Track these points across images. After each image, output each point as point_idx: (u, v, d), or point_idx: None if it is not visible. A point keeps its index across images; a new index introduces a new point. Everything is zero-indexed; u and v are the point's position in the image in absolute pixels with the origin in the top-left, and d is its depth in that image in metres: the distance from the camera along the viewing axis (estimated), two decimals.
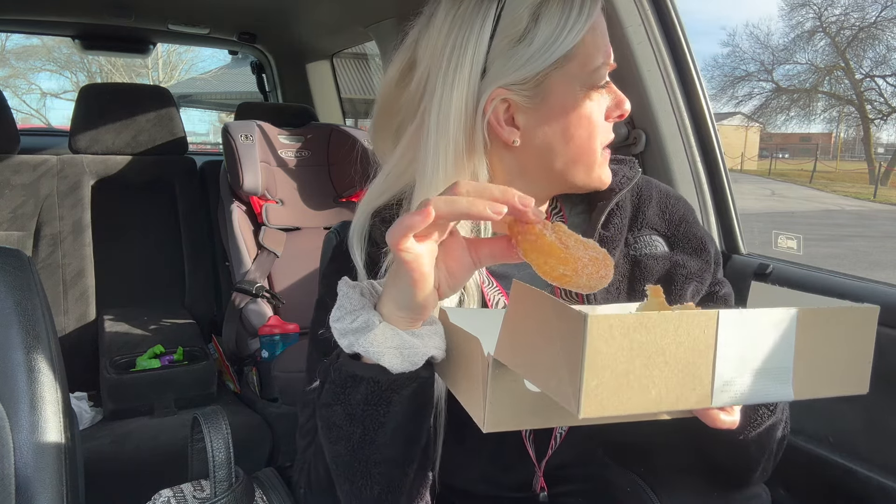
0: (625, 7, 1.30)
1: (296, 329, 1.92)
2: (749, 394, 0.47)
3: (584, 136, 0.72)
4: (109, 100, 2.24)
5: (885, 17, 21.86)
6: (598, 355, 0.41)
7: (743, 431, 0.68)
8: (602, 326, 0.41)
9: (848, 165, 23.57)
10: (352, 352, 0.57)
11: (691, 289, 0.80)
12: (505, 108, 0.70)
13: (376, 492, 0.61)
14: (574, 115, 0.71)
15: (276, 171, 2.27)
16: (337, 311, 0.58)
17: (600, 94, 0.72)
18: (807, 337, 0.48)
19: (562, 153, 0.72)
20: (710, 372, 0.45)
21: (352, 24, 2.39)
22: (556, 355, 0.43)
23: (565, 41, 0.68)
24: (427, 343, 0.56)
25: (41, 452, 0.74)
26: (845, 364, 0.50)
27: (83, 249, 2.09)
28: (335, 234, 0.85)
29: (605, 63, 0.72)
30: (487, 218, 0.51)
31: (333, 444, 0.61)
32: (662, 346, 0.43)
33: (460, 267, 0.57)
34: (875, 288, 1.08)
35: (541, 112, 0.71)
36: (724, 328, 0.45)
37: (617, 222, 0.79)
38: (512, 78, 0.69)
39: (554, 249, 0.51)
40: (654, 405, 0.44)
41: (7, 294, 0.78)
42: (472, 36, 0.68)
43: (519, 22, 0.68)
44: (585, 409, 0.41)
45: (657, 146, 1.36)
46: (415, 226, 0.51)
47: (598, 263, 0.52)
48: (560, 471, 0.80)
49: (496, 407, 0.51)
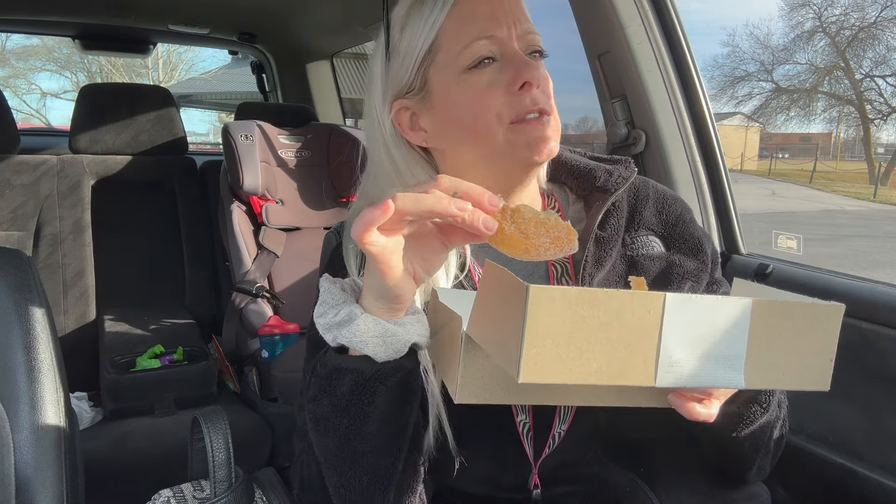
0: (625, 7, 1.30)
1: (296, 329, 1.92)
2: (696, 377, 0.48)
3: (470, 119, 0.72)
4: (109, 100, 2.24)
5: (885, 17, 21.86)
6: (539, 324, 0.43)
7: (735, 429, 0.68)
8: (544, 298, 0.43)
9: (848, 165, 23.55)
10: (336, 344, 0.59)
11: (688, 288, 0.80)
12: (410, 115, 0.76)
13: (364, 482, 0.62)
14: (455, 102, 0.73)
15: (276, 171, 2.27)
16: (320, 307, 0.60)
17: (479, 74, 0.72)
18: (763, 328, 0.49)
19: (465, 140, 0.74)
20: (654, 351, 0.46)
21: (352, 24, 2.39)
22: (508, 326, 0.46)
23: (422, 36, 0.73)
24: (409, 331, 0.58)
25: (41, 452, 0.74)
26: (806, 359, 0.51)
27: (83, 249, 2.09)
28: (335, 235, 0.85)
29: (478, 40, 0.71)
30: (452, 215, 0.52)
31: (322, 437, 0.63)
32: (606, 321, 0.45)
33: (430, 252, 0.59)
34: (875, 288, 1.08)
35: (432, 109, 0.75)
36: (671, 311, 0.46)
37: (614, 223, 0.80)
38: (397, 87, 0.76)
39: (514, 241, 0.53)
40: (594, 377, 0.45)
41: (7, 294, 0.78)
42: (376, 61, 0.78)
43: (394, 36, 0.75)
44: (524, 374, 0.44)
45: (657, 146, 1.36)
46: (375, 220, 0.53)
47: (561, 242, 0.53)
48: (559, 471, 0.80)
49: (467, 380, 0.54)
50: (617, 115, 1.40)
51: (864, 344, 1.05)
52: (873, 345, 1.04)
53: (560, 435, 0.78)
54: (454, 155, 0.77)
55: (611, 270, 0.79)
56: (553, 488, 0.80)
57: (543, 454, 0.78)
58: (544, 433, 0.78)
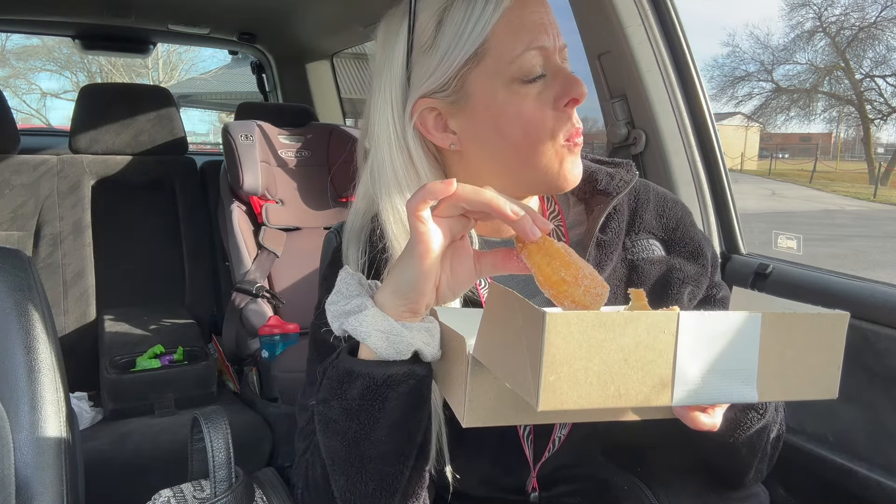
0: (625, 7, 1.30)
1: (296, 329, 1.92)
2: (711, 393, 0.48)
3: (519, 134, 0.69)
4: (109, 100, 2.24)
5: (885, 17, 21.85)
6: (556, 351, 0.43)
7: (733, 434, 0.68)
8: (560, 323, 0.43)
9: (848, 165, 23.55)
10: (342, 332, 0.58)
11: (688, 292, 0.80)
12: (435, 115, 0.72)
13: (371, 488, 0.62)
14: (500, 112, 0.69)
15: (276, 171, 2.27)
16: (334, 296, 0.59)
17: (529, 86, 0.69)
18: (772, 340, 0.49)
19: (501, 153, 0.71)
20: (670, 371, 0.46)
21: (352, 24, 2.39)
22: (522, 352, 0.46)
23: (469, 39, 0.68)
24: (415, 335, 0.57)
25: (41, 452, 0.74)
26: (814, 369, 0.51)
27: (83, 249, 2.09)
28: (335, 235, 0.85)
29: (529, 50, 0.68)
30: (506, 216, 0.53)
31: (330, 440, 0.62)
32: (622, 344, 0.45)
33: (464, 271, 0.59)
34: (875, 288, 1.08)
35: (468, 114, 0.71)
36: (685, 329, 0.46)
37: (614, 226, 0.79)
38: (427, 86, 0.70)
39: (559, 253, 0.53)
40: (612, 401, 0.45)
41: (7, 294, 0.78)
42: (392, 53, 0.72)
43: (426, 31, 0.70)
44: (544, 402, 0.44)
45: (657, 146, 1.36)
46: (436, 193, 0.53)
47: (597, 281, 0.53)
48: (559, 471, 0.80)
49: (475, 403, 0.54)
50: (617, 115, 1.40)
51: (864, 344, 1.05)
52: (873, 345, 1.04)
53: (560, 439, 0.78)
54: (479, 161, 0.73)
55: (611, 274, 0.78)
56: (552, 489, 0.81)
57: (543, 458, 0.78)
58: (545, 437, 0.78)
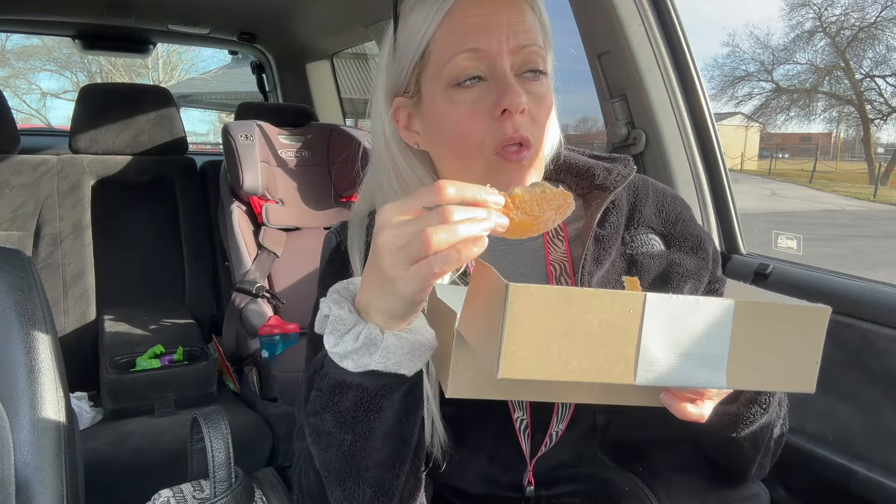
0: (625, 7, 1.30)
1: (296, 329, 1.92)
2: (676, 376, 0.48)
3: (455, 140, 0.70)
4: (109, 100, 2.24)
5: (885, 17, 21.86)
6: (518, 321, 0.45)
7: (735, 429, 0.68)
8: (523, 296, 0.44)
9: (848, 165, 23.55)
10: (367, 370, 0.55)
11: (688, 287, 0.80)
12: (406, 115, 0.75)
13: (368, 496, 0.61)
14: (438, 117, 0.71)
15: (276, 171, 2.27)
16: (332, 337, 0.55)
17: (465, 91, 0.68)
18: (745, 329, 0.49)
19: (447, 154, 0.73)
20: (634, 350, 0.47)
21: (352, 24, 2.39)
22: (491, 322, 0.47)
23: (415, 41, 0.70)
24: (425, 336, 0.57)
25: (41, 452, 0.74)
26: (791, 361, 0.51)
27: (83, 249, 2.09)
28: (335, 235, 0.85)
29: (459, 53, 0.67)
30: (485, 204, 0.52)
31: (324, 452, 0.61)
32: (586, 320, 0.46)
33: None
34: (875, 288, 1.08)
35: (423, 116, 0.74)
36: (652, 310, 0.47)
37: (613, 220, 0.79)
38: (393, 86, 0.74)
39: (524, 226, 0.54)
40: (574, 375, 0.46)
41: (7, 294, 0.78)
42: (383, 54, 0.76)
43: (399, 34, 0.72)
44: (504, 370, 0.45)
45: (657, 146, 1.36)
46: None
47: (562, 208, 0.54)
48: (559, 471, 0.80)
49: (458, 375, 0.55)
50: (617, 115, 1.40)
51: (864, 344, 1.05)
52: (873, 345, 1.04)
53: (557, 434, 0.78)
54: (438, 161, 0.76)
55: (610, 269, 0.78)
56: (552, 488, 0.80)
57: (540, 452, 0.78)
58: (542, 431, 0.78)
